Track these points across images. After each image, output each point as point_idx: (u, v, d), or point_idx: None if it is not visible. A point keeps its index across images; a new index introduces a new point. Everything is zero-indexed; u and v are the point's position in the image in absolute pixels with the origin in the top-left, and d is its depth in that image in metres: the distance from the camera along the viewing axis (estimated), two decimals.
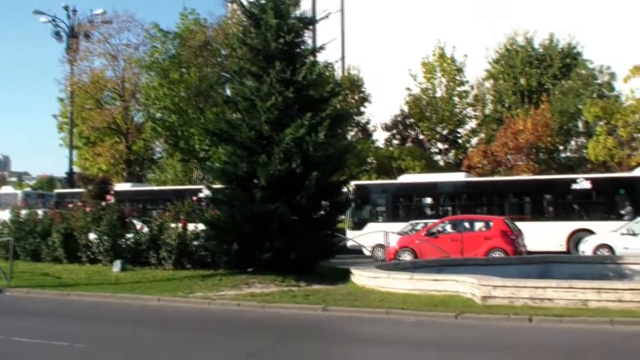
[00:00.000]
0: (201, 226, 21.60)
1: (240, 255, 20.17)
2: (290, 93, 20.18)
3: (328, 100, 22.24)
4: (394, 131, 50.67)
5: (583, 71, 45.37)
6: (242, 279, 19.41)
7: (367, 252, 30.17)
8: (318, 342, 12.15)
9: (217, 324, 14.18)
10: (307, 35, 23.16)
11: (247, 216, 19.81)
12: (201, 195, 28.71)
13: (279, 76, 20.32)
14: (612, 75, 44.29)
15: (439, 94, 46.15)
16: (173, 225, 21.96)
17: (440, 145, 47.88)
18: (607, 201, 30.98)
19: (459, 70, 45.82)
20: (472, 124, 47.85)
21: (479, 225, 26.53)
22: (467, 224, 26.67)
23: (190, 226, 22.10)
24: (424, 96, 46.34)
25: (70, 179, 43.61)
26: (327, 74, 34.79)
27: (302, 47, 22.22)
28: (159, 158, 55.32)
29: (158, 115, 46.41)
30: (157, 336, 12.67)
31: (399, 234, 27.76)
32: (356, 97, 48.12)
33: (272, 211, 19.57)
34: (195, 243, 21.78)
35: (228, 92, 23.70)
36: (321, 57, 23.70)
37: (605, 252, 25.56)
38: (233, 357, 10.57)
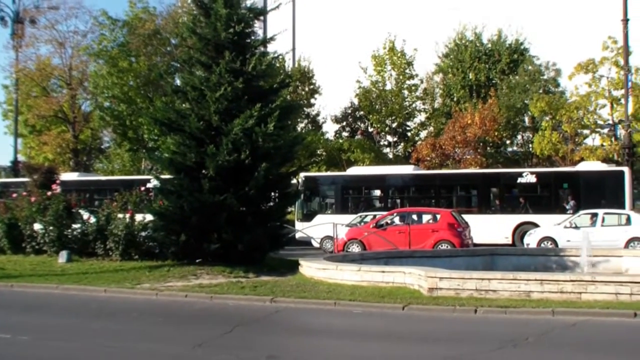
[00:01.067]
0: (149, 217, 21.43)
1: (188, 246, 20.07)
2: (239, 83, 20.10)
3: (278, 91, 22.24)
4: (344, 123, 50.83)
5: (530, 67, 46.01)
6: (190, 270, 19.31)
7: (315, 244, 30.25)
8: (266, 333, 12.17)
9: (164, 315, 14.08)
10: (257, 26, 23.12)
11: (196, 207, 19.71)
12: (149, 185, 28.39)
13: (228, 66, 20.23)
14: (558, 72, 45.03)
15: (388, 87, 46.33)
16: (121, 215, 21.73)
17: (389, 138, 48.14)
18: (551, 195, 31.61)
19: (409, 64, 46.03)
20: (421, 117, 48.20)
21: (426, 217, 26.86)
22: (415, 217, 26.95)
23: (138, 217, 21.90)
24: (374, 89, 46.48)
25: (15, 168, 42.76)
26: (278, 65, 34.80)
27: (253, 37, 22.15)
28: (106, 148, 54.56)
29: (106, 104, 45.82)
30: (103, 327, 12.54)
31: (347, 225, 27.90)
32: (306, 88, 48.07)
33: (221, 202, 19.51)
34: (143, 234, 21.58)
35: (178, 81, 23.48)
36: (272, 48, 23.73)
37: (549, 244, 26.15)
38: (180, 348, 10.52)
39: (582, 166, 32.49)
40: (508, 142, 45.68)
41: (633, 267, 19.58)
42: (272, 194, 22.22)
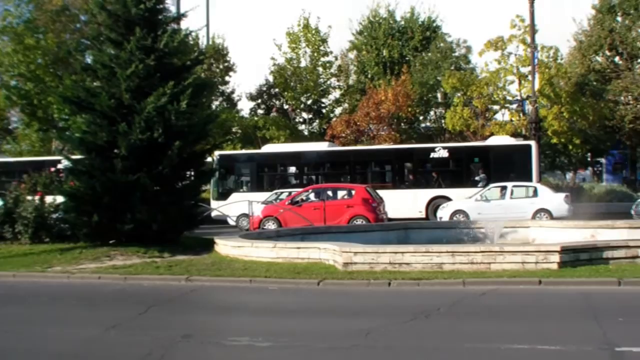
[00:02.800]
0: (60, 198, 20.95)
1: (101, 227, 19.68)
2: (151, 61, 19.78)
3: (191, 68, 22.00)
4: (259, 101, 50.63)
5: (442, 44, 46.79)
6: (104, 251, 18.98)
7: (231, 222, 30.18)
8: (181, 311, 12.12)
9: (76, 298, 13.82)
10: (169, 2, 22.81)
11: (108, 187, 19.34)
12: (60, 166, 27.73)
13: (139, 43, 19.86)
14: (469, 49, 46.02)
15: (303, 64, 46.38)
16: (30, 197, 21.16)
17: (304, 115, 48.25)
18: (462, 169, 32.36)
19: (323, 41, 46.13)
20: (335, 94, 48.48)
21: (341, 193, 27.13)
22: (330, 193, 27.19)
23: (49, 198, 21.37)
24: (288, 66, 46.45)
25: None
26: (192, 42, 34.37)
27: (164, 14, 21.77)
28: (14, 128, 52.78)
29: (13, 82, 44.24)
30: (13, 313, 12.22)
31: (263, 203, 27.91)
32: (221, 66, 47.63)
33: (134, 182, 19.20)
34: (54, 216, 21.09)
35: (88, 59, 22.95)
36: (184, 25, 23.44)
37: (461, 217, 26.80)
38: (93, 330, 10.35)
39: (492, 141, 33.36)
40: (421, 118, 46.50)
41: (539, 237, 20.29)
42: (187, 172, 22.01)
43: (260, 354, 9.01)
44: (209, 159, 29.25)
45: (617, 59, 43.19)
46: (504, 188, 27.69)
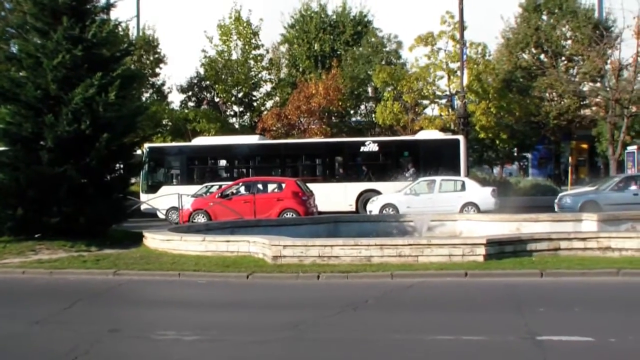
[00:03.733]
0: None
1: (26, 221, 19.19)
2: (78, 51, 19.37)
3: (120, 59, 21.64)
4: (190, 93, 50.11)
5: (373, 39, 47.13)
6: (29, 245, 18.54)
7: (161, 216, 29.87)
8: (108, 306, 11.98)
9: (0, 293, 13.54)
10: None
11: (33, 179, 18.89)
12: None
13: (66, 33, 19.43)
14: (399, 44, 46.46)
15: (234, 57, 46.11)
16: None
17: (235, 108, 47.99)
18: (392, 163, 32.69)
19: (255, 34, 45.90)
20: (267, 87, 48.33)
21: (272, 187, 27.17)
22: (260, 186, 27.17)
23: None
24: (219, 59, 46.11)
25: None
26: (122, 33, 33.80)
27: (93, 3, 21.32)
28: None
29: None
30: None
31: (193, 196, 27.70)
32: (151, 58, 46.95)
33: (61, 174, 18.82)
34: None
35: (14, 48, 22.31)
36: (114, 15, 23.01)
37: (390, 211, 27.09)
38: (16, 326, 10.15)
39: (421, 135, 33.79)
40: (352, 112, 46.75)
41: (466, 230, 20.70)
42: (116, 165, 21.69)
43: (186, 347, 8.98)
44: (139, 152, 28.89)
45: (542, 56, 44.19)
46: (432, 182, 28.09)
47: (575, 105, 41.96)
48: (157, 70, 47.18)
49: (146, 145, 32.03)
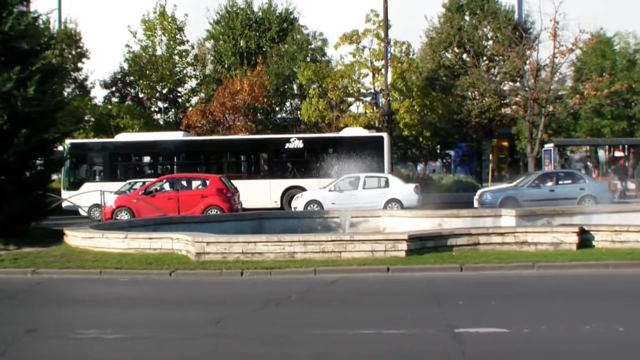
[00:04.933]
0: None
1: None
2: None
3: (39, 53, 21.06)
4: (113, 89, 49.19)
5: (298, 36, 47.18)
6: None
7: (83, 213, 29.23)
8: (26, 306, 11.72)
9: None
10: None
11: None
12: None
13: None
14: (324, 42, 46.62)
15: (159, 52, 45.52)
16: None
17: (160, 104, 47.40)
18: (317, 160, 32.78)
19: (180, 30, 45.43)
20: (192, 83, 47.90)
21: (196, 183, 26.98)
22: (184, 183, 26.98)
23: None
24: (144, 54, 45.44)
25: None
26: (43, 26, 32.97)
27: None
28: None
29: None
30: None
31: (116, 193, 27.26)
32: (73, 52, 45.89)
33: None
34: None
35: None
36: (34, 8, 22.38)
37: (315, 207, 27.21)
38: None
39: (346, 132, 34.07)
40: (277, 108, 46.75)
41: (390, 226, 20.96)
42: (35, 161, 21.15)
43: (107, 346, 8.86)
44: (60, 148, 28.24)
45: (465, 56, 44.99)
46: (357, 179, 28.32)
47: (496, 104, 42.93)
48: (80, 64, 46.11)
49: (68, 141, 31.33)
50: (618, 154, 39.80)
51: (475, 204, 27.53)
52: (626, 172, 36.25)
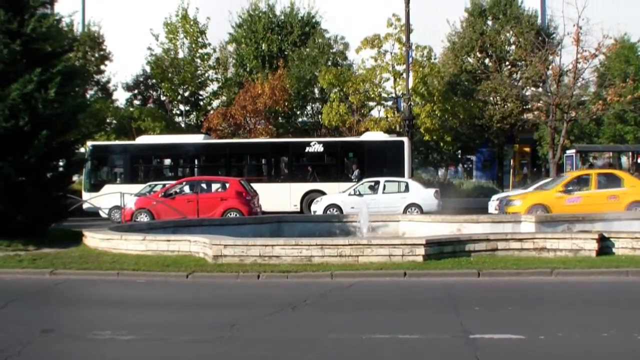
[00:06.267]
0: None
1: None
2: (17, 46, 18.98)
3: (61, 55, 21.23)
4: (135, 91, 49.52)
5: (320, 40, 47.19)
6: None
7: (104, 215, 29.42)
8: (43, 306, 11.76)
9: None
10: None
11: None
12: None
13: (3, 27, 19.04)
14: (346, 46, 46.59)
15: (181, 55, 45.75)
16: None
17: (181, 107, 47.60)
18: (337, 164, 32.82)
19: (202, 33, 45.62)
20: (213, 86, 48.06)
21: (215, 186, 27.01)
22: (204, 185, 27.01)
23: None
24: (166, 57, 45.69)
25: None
26: (66, 28, 33.24)
27: None
28: None
29: None
30: None
31: (136, 195, 27.39)
32: (96, 54, 46.23)
33: None
34: None
35: None
36: (58, 10, 22.56)
37: (334, 211, 27.19)
38: None
39: (366, 136, 34.01)
40: (298, 112, 46.75)
41: (409, 231, 20.88)
42: (56, 162, 21.32)
43: (121, 347, 8.88)
44: (81, 149, 28.45)
45: (487, 60, 44.79)
46: (376, 183, 28.29)
47: (518, 110, 42.65)
48: (102, 67, 46.45)
49: (89, 143, 31.60)
50: None
51: (491, 209, 27.30)
52: None
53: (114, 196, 26.93)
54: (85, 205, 28.93)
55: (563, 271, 13.52)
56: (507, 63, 44.61)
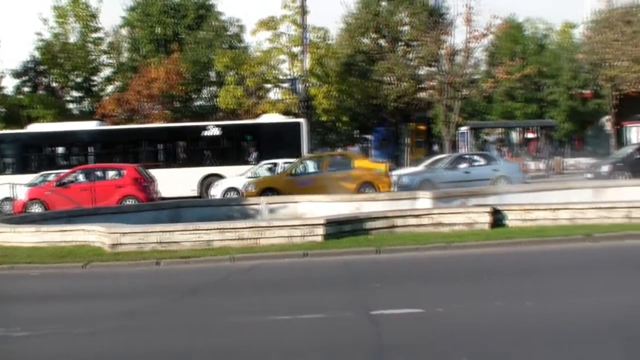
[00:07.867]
0: None
1: None
2: None
3: None
4: (25, 78, 47.77)
5: (215, 23, 46.74)
6: None
7: None
8: None
9: None
10: None
11: None
12: None
13: None
14: (242, 28, 46.42)
15: (72, 40, 44.42)
16: None
17: (74, 94, 46.30)
18: (235, 147, 32.69)
19: (94, 16, 44.45)
20: (107, 71, 46.96)
21: (111, 173, 26.49)
22: (99, 173, 26.44)
23: None
24: (56, 42, 44.25)
25: None
26: None
27: None
28: None
29: None
30: None
31: (27, 185, 26.52)
32: None
33: None
34: None
35: None
36: None
37: (233, 194, 27.07)
38: None
39: (263, 119, 34.01)
40: (194, 96, 46.29)
41: (308, 211, 20.95)
42: None
43: (15, 344, 8.54)
44: None
45: (382, 41, 45.38)
46: (275, 165, 28.31)
47: (413, 89, 43.50)
48: None
49: None
50: (530, 135, 40.88)
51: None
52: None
53: (4, 187, 25.99)
54: None
55: (459, 245, 13.89)
56: (401, 43, 45.37)
